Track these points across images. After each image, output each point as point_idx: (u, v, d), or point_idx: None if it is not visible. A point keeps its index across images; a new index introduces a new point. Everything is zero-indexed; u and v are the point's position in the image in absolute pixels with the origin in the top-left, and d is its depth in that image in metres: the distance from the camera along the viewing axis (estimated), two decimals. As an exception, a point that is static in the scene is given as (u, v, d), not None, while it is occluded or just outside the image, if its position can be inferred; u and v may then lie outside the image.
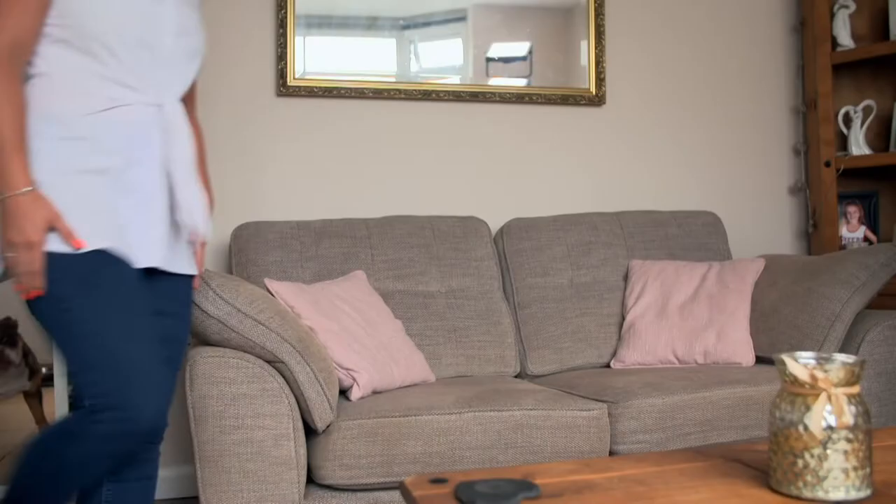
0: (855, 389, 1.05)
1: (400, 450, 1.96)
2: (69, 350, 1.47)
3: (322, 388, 1.90)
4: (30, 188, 1.42)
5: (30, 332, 3.97)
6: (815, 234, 3.17)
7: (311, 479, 1.98)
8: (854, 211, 3.20)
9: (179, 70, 1.64)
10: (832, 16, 3.14)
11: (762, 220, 3.32)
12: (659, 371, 2.42)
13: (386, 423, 1.97)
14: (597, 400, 2.18)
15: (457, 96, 2.95)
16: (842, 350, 2.35)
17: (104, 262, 1.48)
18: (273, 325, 1.86)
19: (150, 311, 1.55)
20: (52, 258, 1.44)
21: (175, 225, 1.62)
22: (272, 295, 2.16)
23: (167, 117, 1.58)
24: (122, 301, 1.48)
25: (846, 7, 3.12)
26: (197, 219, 1.63)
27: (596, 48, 3.07)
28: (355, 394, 2.14)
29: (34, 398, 3.58)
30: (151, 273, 1.59)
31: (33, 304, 1.46)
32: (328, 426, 1.94)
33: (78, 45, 1.50)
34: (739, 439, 2.20)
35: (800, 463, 1.04)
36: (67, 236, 1.44)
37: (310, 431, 1.96)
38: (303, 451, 1.91)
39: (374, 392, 2.20)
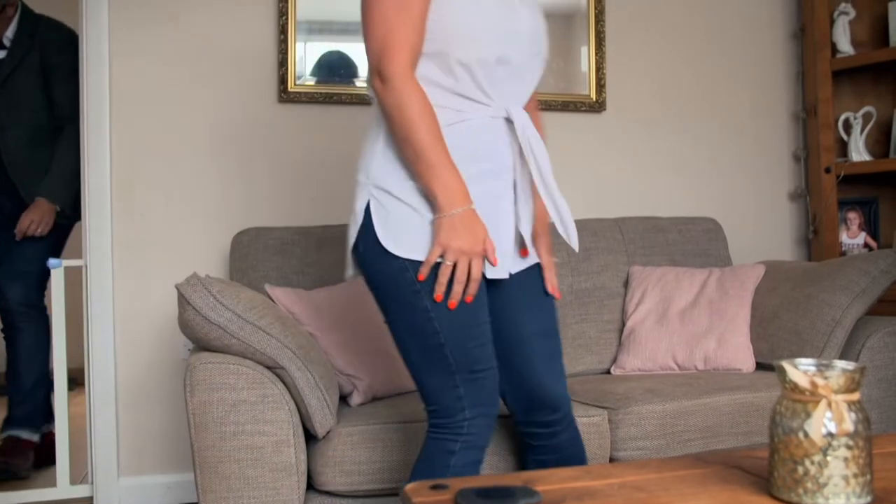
0: (855, 396, 1.05)
1: (400, 456, 1.96)
2: (436, 357, 1.51)
3: (322, 394, 1.90)
4: (472, 204, 1.47)
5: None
6: (816, 240, 3.17)
7: (311, 486, 1.98)
8: (854, 217, 3.20)
9: (528, 80, 1.62)
10: (832, 22, 3.14)
11: (762, 226, 3.32)
12: (659, 377, 2.42)
13: (386, 429, 1.96)
14: (597, 406, 2.18)
15: (457, 102, 2.94)
16: (842, 356, 2.35)
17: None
18: (273, 331, 1.86)
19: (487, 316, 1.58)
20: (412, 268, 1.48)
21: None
22: (273, 301, 2.16)
23: (519, 128, 1.57)
24: (482, 311, 1.53)
25: (846, 13, 3.12)
26: (571, 228, 1.64)
27: (596, 54, 3.07)
28: (355, 400, 2.14)
29: None
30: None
31: (436, 313, 1.49)
32: (328, 432, 1.94)
33: (436, 61, 1.50)
34: (740, 446, 2.20)
35: (800, 470, 1.04)
36: (492, 252, 1.49)
37: (310, 437, 1.96)
38: (303, 457, 1.91)
39: (375, 398, 2.20)
